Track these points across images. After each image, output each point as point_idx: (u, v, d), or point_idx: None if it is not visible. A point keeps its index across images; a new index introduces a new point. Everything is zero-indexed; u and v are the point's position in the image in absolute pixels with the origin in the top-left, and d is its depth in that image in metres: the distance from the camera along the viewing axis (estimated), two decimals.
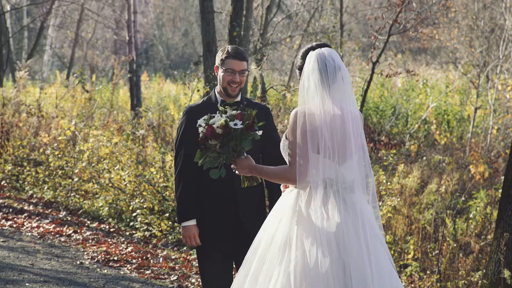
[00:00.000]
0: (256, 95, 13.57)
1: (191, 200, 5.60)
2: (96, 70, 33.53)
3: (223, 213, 5.60)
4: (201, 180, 5.60)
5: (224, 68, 5.63)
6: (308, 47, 4.92)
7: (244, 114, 4.87)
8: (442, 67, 25.90)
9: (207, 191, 5.62)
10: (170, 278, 8.75)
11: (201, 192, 5.63)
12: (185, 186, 5.60)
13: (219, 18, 23.26)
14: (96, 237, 10.56)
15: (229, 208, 5.59)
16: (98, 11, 30.46)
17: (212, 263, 5.67)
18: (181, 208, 5.63)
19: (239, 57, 5.62)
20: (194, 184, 5.60)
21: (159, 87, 27.98)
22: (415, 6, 12.75)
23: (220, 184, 5.56)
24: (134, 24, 20.74)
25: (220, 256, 5.65)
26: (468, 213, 10.51)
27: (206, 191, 5.62)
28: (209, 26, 10.78)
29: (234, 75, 5.62)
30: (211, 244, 5.64)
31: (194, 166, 5.42)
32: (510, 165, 7.65)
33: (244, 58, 5.65)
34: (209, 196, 5.62)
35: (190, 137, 5.58)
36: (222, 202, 5.61)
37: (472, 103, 18.00)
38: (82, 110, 17.07)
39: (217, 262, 5.66)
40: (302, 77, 4.82)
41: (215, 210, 5.63)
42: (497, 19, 17.87)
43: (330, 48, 4.89)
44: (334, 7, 19.47)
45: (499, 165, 14.07)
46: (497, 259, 7.54)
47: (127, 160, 11.94)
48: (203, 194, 5.62)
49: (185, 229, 5.63)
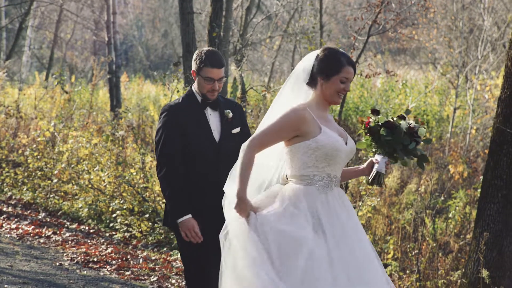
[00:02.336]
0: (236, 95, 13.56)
1: (182, 196, 5.57)
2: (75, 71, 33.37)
3: (211, 210, 5.57)
4: (188, 178, 5.60)
5: (202, 77, 5.62)
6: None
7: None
8: (421, 67, 26.00)
9: (194, 188, 5.62)
10: (150, 279, 8.73)
11: (189, 189, 5.61)
12: (174, 185, 5.57)
13: (199, 19, 23.21)
14: (76, 238, 10.51)
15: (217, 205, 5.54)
16: (77, 12, 30.30)
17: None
18: (174, 205, 5.58)
19: (217, 65, 5.62)
20: (181, 182, 5.58)
21: (138, 88, 27.88)
22: (394, 7, 12.78)
23: (207, 181, 5.59)
24: (114, 25, 20.64)
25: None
26: (448, 213, 10.57)
27: (194, 188, 5.62)
28: (189, 27, 10.76)
29: (213, 83, 5.63)
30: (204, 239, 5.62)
31: (180, 165, 5.49)
32: (488, 165, 7.69)
33: (222, 65, 5.65)
34: (197, 193, 5.61)
35: (172, 137, 5.57)
36: (211, 200, 5.58)
37: (451, 103, 18.08)
38: (61, 111, 16.99)
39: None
40: None
41: (203, 207, 5.61)
42: (475, 20, 17.97)
43: None
44: (314, 7, 19.49)
45: (478, 165, 14.14)
46: (476, 258, 7.57)
47: (107, 161, 11.90)
48: (191, 192, 5.61)
49: (182, 224, 5.55)
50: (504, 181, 7.51)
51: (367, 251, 4.95)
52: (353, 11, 23.88)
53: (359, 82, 20.85)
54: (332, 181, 5.00)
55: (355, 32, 12.12)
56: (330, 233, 4.87)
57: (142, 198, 10.87)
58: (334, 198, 4.98)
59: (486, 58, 17.48)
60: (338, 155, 4.95)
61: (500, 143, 7.55)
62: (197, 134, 5.63)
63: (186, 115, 5.65)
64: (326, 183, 4.98)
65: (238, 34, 16.40)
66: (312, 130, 4.93)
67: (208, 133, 5.67)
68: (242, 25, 17.30)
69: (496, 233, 7.53)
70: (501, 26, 17.90)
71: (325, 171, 4.97)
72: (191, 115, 5.67)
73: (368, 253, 4.95)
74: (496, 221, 7.54)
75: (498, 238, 7.52)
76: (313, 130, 4.93)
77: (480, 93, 17.67)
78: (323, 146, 4.90)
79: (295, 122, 4.93)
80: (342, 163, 5.03)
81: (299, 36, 17.40)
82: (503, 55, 17.15)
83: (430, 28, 20.83)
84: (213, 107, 5.74)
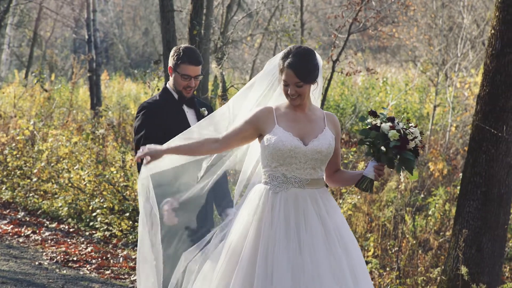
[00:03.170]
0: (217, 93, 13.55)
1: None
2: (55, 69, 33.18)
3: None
4: None
5: (179, 73, 5.61)
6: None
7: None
8: (401, 65, 26.07)
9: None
10: (130, 278, 8.71)
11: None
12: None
13: (180, 17, 23.17)
14: (55, 238, 10.46)
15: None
16: (56, 10, 30.13)
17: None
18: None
19: (194, 62, 5.61)
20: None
21: (119, 86, 27.79)
22: (374, 5, 12.80)
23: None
24: (94, 23, 20.54)
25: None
26: (427, 210, 10.61)
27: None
28: (169, 24, 10.73)
29: (189, 80, 5.63)
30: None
31: None
32: (468, 162, 7.73)
33: (199, 62, 5.64)
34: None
35: (152, 134, 5.55)
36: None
37: (431, 101, 18.14)
38: (41, 109, 16.91)
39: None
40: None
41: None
42: (455, 18, 18.03)
43: None
44: (295, 5, 19.49)
45: (457, 162, 14.20)
46: (455, 255, 7.61)
47: (87, 160, 11.85)
48: None
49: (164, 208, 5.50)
50: (483, 178, 7.55)
51: (337, 257, 4.82)
52: (334, 9, 23.92)
53: (339, 80, 20.88)
54: (289, 182, 4.90)
55: (335, 30, 12.14)
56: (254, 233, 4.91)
57: (123, 196, 10.83)
58: (289, 200, 4.90)
59: (466, 56, 17.55)
60: (290, 155, 4.86)
61: (479, 141, 7.59)
62: (176, 131, 5.62)
63: (165, 112, 5.64)
64: (280, 183, 4.92)
65: (219, 32, 16.37)
66: (266, 128, 4.94)
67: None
68: (223, 23, 17.27)
69: (475, 230, 7.58)
70: (480, 24, 17.98)
71: (279, 171, 4.93)
72: (170, 112, 5.66)
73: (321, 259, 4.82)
74: (475, 218, 7.59)
75: (477, 235, 7.56)
76: (267, 127, 4.94)
77: (460, 90, 17.74)
78: (268, 145, 4.89)
79: (253, 118, 4.98)
80: (300, 163, 4.90)
81: (280, 34, 17.40)
82: (482, 53, 17.23)
83: (410, 26, 20.88)
84: (189, 104, 5.75)
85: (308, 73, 4.90)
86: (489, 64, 7.54)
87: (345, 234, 4.93)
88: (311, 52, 4.97)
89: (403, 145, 4.83)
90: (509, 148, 7.50)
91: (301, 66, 4.89)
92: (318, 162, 4.94)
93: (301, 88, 4.91)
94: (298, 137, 4.92)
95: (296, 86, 4.90)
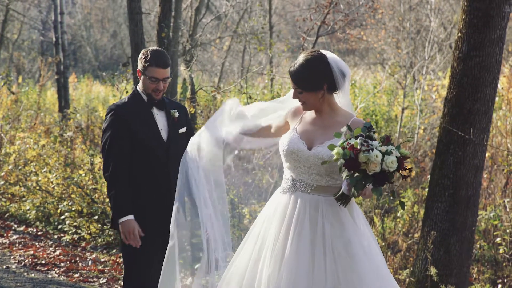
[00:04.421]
0: (186, 96, 13.51)
1: (127, 197, 5.54)
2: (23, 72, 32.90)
3: (161, 209, 5.57)
4: (136, 179, 5.59)
5: (147, 76, 5.62)
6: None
7: None
8: (370, 68, 26.20)
9: (144, 188, 5.60)
10: (99, 281, 8.66)
11: (138, 189, 5.58)
12: (119, 185, 5.54)
13: (148, 19, 23.09)
14: (23, 241, 10.38)
15: (167, 203, 5.52)
16: (24, 12, 29.89)
17: (147, 257, 5.62)
18: (117, 205, 5.54)
19: (162, 65, 5.62)
20: (127, 183, 5.55)
21: (87, 88, 27.64)
22: (342, 8, 12.86)
23: (155, 180, 5.61)
24: (61, 25, 20.38)
25: (155, 250, 5.62)
26: (396, 212, 10.66)
27: (143, 188, 5.60)
28: (137, 27, 10.70)
29: (158, 83, 5.63)
30: (151, 238, 5.59)
31: (127, 165, 5.53)
32: (436, 165, 7.78)
33: (167, 65, 5.65)
34: (146, 193, 5.60)
35: (120, 137, 5.55)
36: (160, 199, 5.60)
37: (399, 103, 18.25)
38: (8, 112, 16.77)
39: (152, 255, 5.63)
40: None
41: (152, 206, 5.60)
42: (422, 21, 18.16)
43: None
44: (263, 8, 19.53)
45: (425, 165, 14.29)
46: (424, 257, 7.66)
47: (55, 163, 11.78)
48: (141, 192, 5.59)
49: (124, 225, 5.52)
50: (451, 180, 7.61)
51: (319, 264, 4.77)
52: (302, 12, 23.98)
53: None
54: (296, 185, 4.88)
55: (304, 32, 12.17)
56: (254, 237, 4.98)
57: (91, 199, 10.78)
58: (291, 202, 4.89)
59: (433, 58, 17.68)
60: (293, 158, 4.85)
61: (446, 143, 7.65)
62: (145, 133, 5.64)
63: (133, 115, 5.65)
64: (289, 185, 4.92)
65: (188, 34, 16.35)
66: (290, 126, 5.02)
67: (156, 132, 5.67)
68: (192, 26, 17.26)
69: (443, 231, 7.63)
70: (448, 27, 18.14)
71: (288, 173, 4.93)
72: (138, 114, 5.67)
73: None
74: (443, 220, 7.64)
75: (445, 237, 7.62)
76: (291, 126, 5.01)
77: (428, 93, 17.86)
78: (280, 144, 4.96)
79: (288, 113, 5.10)
80: (304, 167, 4.85)
81: (249, 37, 17.41)
82: (449, 56, 17.37)
83: (378, 29, 21.01)
84: (159, 106, 5.75)
85: (302, 81, 4.82)
86: (456, 67, 7.61)
87: (350, 245, 4.82)
88: (315, 59, 4.82)
89: (352, 165, 4.54)
90: (476, 151, 7.56)
91: (296, 73, 4.82)
92: (322, 168, 4.80)
93: (302, 95, 4.84)
94: (304, 141, 4.85)
95: (297, 92, 4.86)
